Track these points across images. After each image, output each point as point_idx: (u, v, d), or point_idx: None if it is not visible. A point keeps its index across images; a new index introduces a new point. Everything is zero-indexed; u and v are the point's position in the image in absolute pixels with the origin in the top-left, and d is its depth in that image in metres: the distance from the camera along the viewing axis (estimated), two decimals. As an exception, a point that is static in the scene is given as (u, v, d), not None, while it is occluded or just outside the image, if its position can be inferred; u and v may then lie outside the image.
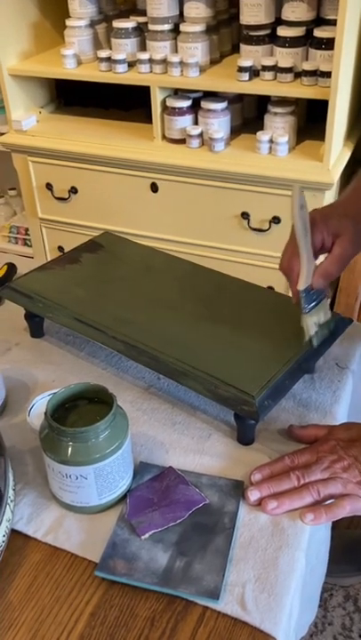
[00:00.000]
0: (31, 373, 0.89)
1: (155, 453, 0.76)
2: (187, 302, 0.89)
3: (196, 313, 0.87)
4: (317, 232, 0.76)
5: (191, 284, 0.93)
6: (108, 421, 0.66)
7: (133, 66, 1.65)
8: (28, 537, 0.67)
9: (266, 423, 0.78)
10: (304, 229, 0.74)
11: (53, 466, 0.67)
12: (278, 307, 0.89)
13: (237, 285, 0.93)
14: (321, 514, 0.68)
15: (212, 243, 1.67)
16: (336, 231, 0.76)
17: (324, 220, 0.77)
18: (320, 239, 0.76)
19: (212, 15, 1.60)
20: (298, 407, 0.82)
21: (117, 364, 0.90)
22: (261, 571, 0.63)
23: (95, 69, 1.68)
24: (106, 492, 0.68)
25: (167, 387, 0.85)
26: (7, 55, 1.74)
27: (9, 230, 2.30)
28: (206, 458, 0.75)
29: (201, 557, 0.64)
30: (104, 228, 1.58)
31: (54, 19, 1.84)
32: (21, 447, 0.77)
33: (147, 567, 0.63)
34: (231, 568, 0.63)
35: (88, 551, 0.65)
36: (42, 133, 1.79)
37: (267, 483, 0.70)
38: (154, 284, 0.94)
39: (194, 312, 0.87)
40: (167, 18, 1.59)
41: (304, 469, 0.71)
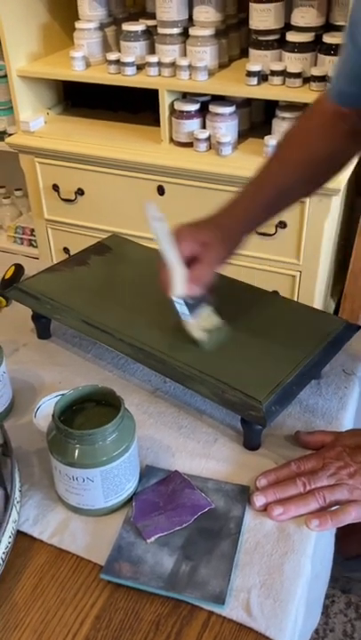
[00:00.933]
0: (38, 374, 0.89)
1: (161, 457, 0.76)
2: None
3: (204, 317, 0.87)
4: (186, 243, 0.79)
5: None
6: (116, 424, 0.66)
7: (142, 69, 1.66)
8: (33, 538, 0.67)
9: (272, 428, 0.78)
10: (165, 241, 0.77)
11: (60, 468, 0.67)
12: (285, 311, 0.89)
13: (244, 289, 0.93)
14: (326, 520, 0.68)
15: (217, 246, 1.68)
16: (204, 240, 0.80)
17: (192, 232, 0.80)
18: (189, 249, 0.79)
19: (222, 19, 1.61)
20: (304, 413, 0.82)
21: (124, 367, 0.90)
22: (267, 576, 0.63)
23: (104, 72, 1.69)
24: (112, 495, 0.68)
25: (174, 390, 0.85)
26: (16, 56, 1.74)
27: (14, 231, 2.30)
28: (212, 462, 0.75)
29: (207, 562, 0.64)
30: (110, 230, 1.58)
31: (64, 21, 1.85)
32: (28, 448, 0.77)
33: (152, 571, 0.63)
34: (237, 573, 0.63)
35: (93, 554, 0.65)
36: (49, 135, 1.79)
37: (272, 488, 0.70)
38: (160, 287, 0.94)
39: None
40: (176, 21, 1.60)
41: (310, 475, 0.71)
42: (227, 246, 0.82)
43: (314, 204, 1.50)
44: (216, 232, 0.81)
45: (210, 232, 0.81)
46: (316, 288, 1.65)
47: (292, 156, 0.88)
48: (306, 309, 0.91)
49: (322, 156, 0.87)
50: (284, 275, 1.65)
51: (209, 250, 0.80)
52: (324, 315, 0.90)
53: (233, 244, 0.84)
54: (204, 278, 0.80)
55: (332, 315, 0.92)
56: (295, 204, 0.92)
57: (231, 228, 0.84)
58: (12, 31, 1.70)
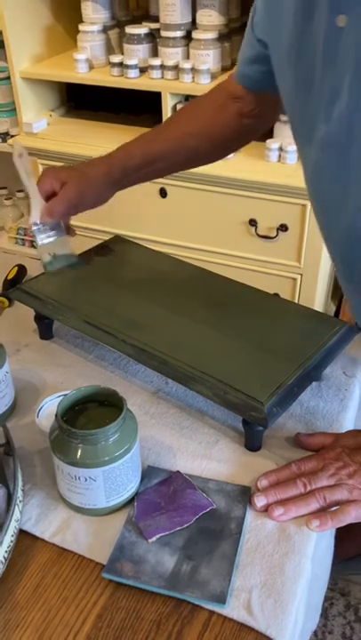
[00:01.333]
0: (40, 375, 0.89)
1: (162, 457, 0.76)
2: (196, 307, 0.90)
3: (206, 318, 0.87)
4: (47, 179, 0.91)
5: (201, 289, 0.94)
6: (118, 425, 0.66)
7: (145, 71, 1.66)
8: (35, 537, 0.68)
9: (273, 430, 0.79)
10: (26, 174, 0.91)
11: (62, 467, 0.67)
12: (286, 313, 0.89)
13: (246, 291, 0.94)
14: (327, 520, 0.68)
15: (219, 249, 1.68)
16: (64, 179, 0.91)
17: (54, 172, 0.93)
18: (49, 185, 0.91)
19: (225, 23, 1.62)
20: (305, 415, 0.82)
21: (126, 368, 0.90)
22: (268, 576, 0.63)
23: (107, 74, 1.70)
24: (114, 495, 0.68)
25: (175, 391, 0.86)
26: (20, 58, 1.75)
27: (16, 232, 2.30)
28: (214, 463, 0.75)
29: (208, 562, 0.64)
30: (112, 231, 1.58)
31: (67, 23, 1.85)
32: (30, 448, 0.77)
33: (153, 570, 0.64)
34: (238, 573, 0.64)
35: (95, 553, 0.66)
36: (52, 136, 1.80)
37: (273, 489, 0.71)
38: (163, 289, 0.94)
39: (203, 317, 0.87)
40: (180, 25, 1.61)
41: (310, 476, 0.71)
42: (83, 189, 0.92)
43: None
44: (76, 175, 0.92)
45: (70, 174, 0.93)
46: (317, 291, 1.65)
47: (176, 127, 0.97)
48: (307, 311, 0.91)
49: (207, 131, 0.95)
50: (285, 277, 1.66)
51: (65, 188, 0.91)
52: (326, 317, 0.91)
53: (93, 190, 0.93)
54: (56, 209, 0.90)
55: (333, 317, 0.92)
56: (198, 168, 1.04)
57: (92, 176, 0.93)
58: (16, 33, 1.71)
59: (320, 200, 0.80)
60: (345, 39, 0.63)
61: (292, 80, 0.75)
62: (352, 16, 0.62)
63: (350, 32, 0.63)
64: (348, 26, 0.63)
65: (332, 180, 0.74)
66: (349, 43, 0.63)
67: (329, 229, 0.81)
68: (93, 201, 0.94)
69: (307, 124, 0.74)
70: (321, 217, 0.82)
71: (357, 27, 0.62)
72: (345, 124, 0.67)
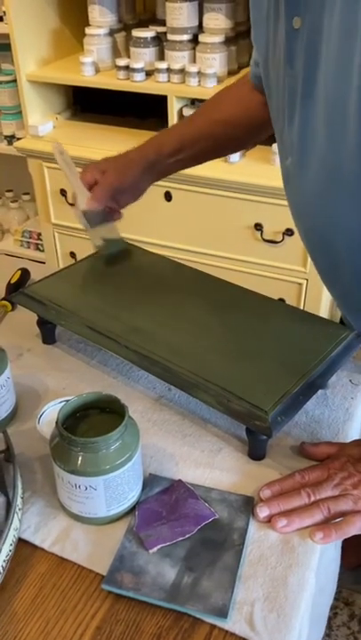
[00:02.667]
0: (42, 380, 0.88)
1: (164, 466, 0.75)
2: (200, 313, 0.89)
3: (210, 324, 0.86)
4: (88, 171, 0.97)
5: (205, 294, 0.93)
6: (120, 432, 0.65)
7: (151, 75, 1.66)
8: (34, 546, 0.67)
9: (278, 439, 0.78)
10: (69, 169, 0.97)
11: (63, 475, 0.66)
12: (292, 320, 0.88)
13: (251, 297, 0.93)
14: (331, 532, 0.67)
15: (224, 253, 1.67)
16: (104, 169, 0.97)
17: (95, 164, 0.98)
18: (91, 176, 0.96)
19: (232, 27, 1.61)
20: (310, 423, 0.81)
21: (128, 374, 0.89)
22: (271, 589, 0.62)
23: (113, 77, 1.69)
24: (115, 504, 0.67)
25: (178, 398, 0.85)
26: (26, 61, 1.75)
27: (21, 234, 2.30)
28: (216, 472, 0.74)
29: (209, 574, 0.63)
30: (117, 235, 1.58)
31: (74, 26, 1.85)
32: (30, 454, 0.76)
33: (154, 582, 0.62)
34: (240, 586, 0.62)
35: (95, 563, 0.65)
36: (58, 139, 1.79)
37: (276, 500, 0.69)
38: (167, 294, 0.94)
39: (207, 323, 0.86)
40: (186, 28, 1.60)
41: (315, 486, 0.70)
42: (123, 176, 0.97)
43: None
44: (116, 164, 0.98)
45: (108, 163, 0.98)
46: (323, 296, 1.64)
47: (204, 115, 1.01)
48: (313, 318, 0.90)
49: (233, 119, 0.98)
50: (290, 282, 1.64)
51: (106, 176, 0.96)
52: (332, 324, 0.90)
53: (133, 176, 0.98)
54: (100, 195, 0.96)
55: (339, 324, 0.91)
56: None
57: (129, 162, 0.98)
58: (23, 36, 1.71)
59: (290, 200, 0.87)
60: (300, 40, 0.68)
61: (268, 80, 0.81)
62: (305, 18, 0.67)
63: (304, 33, 0.67)
64: (301, 27, 0.67)
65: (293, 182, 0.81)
66: (303, 44, 0.68)
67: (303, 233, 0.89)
68: (132, 186, 0.98)
69: (277, 122, 0.81)
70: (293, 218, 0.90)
71: (310, 29, 0.67)
72: (302, 124, 0.72)
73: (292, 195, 0.86)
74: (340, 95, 0.65)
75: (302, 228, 0.88)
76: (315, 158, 0.74)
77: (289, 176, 0.83)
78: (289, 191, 0.87)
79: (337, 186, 0.73)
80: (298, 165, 0.78)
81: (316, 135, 0.72)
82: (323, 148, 0.72)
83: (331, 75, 0.66)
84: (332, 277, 0.92)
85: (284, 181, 0.87)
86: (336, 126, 0.68)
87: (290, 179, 0.83)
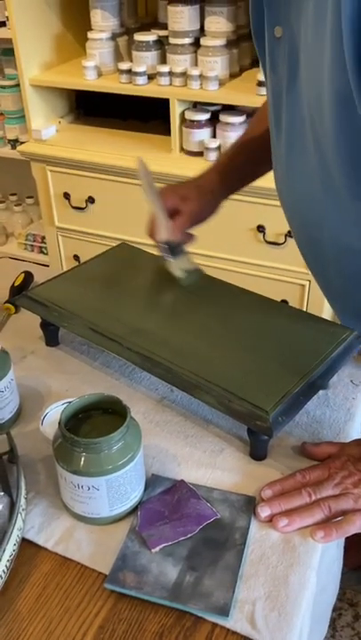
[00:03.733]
0: (45, 382, 0.89)
1: (167, 466, 0.76)
2: (202, 314, 0.89)
3: (211, 325, 0.87)
4: (168, 198, 0.94)
5: (206, 296, 0.94)
6: (122, 433, 0.66)
7: (153, 78, 1.67)
8: (38, 546, 0.67)
9: (279, 439, 0.78)
10: (153, 192, 0.92)
11: (65, 476, 0.67)
12: (293, 321, 0.89)
13: (252, 299, 0.93)
14: (331, 531, 0.67)
15: (227, 255, 1.68)
16: (184, 195, 0.95)
17: (173, 189, 0.96)
18: (171, 203, 0.94)
19: (233, 30, 1.62)
20: (311, 423, 0.81)
21: (131, 375, 0.90)
22: (272, 588, 0.62)
23: (115, 81, 1.70)
24: (117, 504, 0.68)
25: (180, 399, 0.85)
26: (29, 66, 1.76)
27: (25, 238, 2.31)
28: (218, 472, 0.75)
29: (211, 573, 0.64)
30: (120, 237, 1.58)
31: (76, 31, 1.86)
32: (34, 456, 0.77)
33: (156, 581, 0.63)
34: (241, 585, 0.63)
35: (98, 562, 0.65)
36: (61, 143, 1.81)
37: (277, 499, 0.70)
38: (169, 296, 0.94)
39: (209, 324, 0.87)
40: (188, 32, 1.61)
41: (315, 486, 0.70)
42: (203, 202, 0.96)
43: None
44: (193, 189, 0.96)
45: (188, 189, 0.96)
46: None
47: (260, 128, 0.98)
48: (314, 319, 0.91)
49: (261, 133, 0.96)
50: (293, 284, 1.65)
51: (187, 203, 0.94)
52: (333, 324, 0.90)
53: (209, 201, 0.98)
54: (182, 227, 0.94)
55: (340, 324, 0.91)
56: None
57: (207, 188, 0.97)
58: (25, 41, 1.72)
59: (282, 200, 0.89)
60: (281, 48, 0.71)
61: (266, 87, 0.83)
62: (286, 27, 0.69)
63: (285, 42, 0.70)
64: (283, 36, 0.70)
65: (283, 183, 0.83)
66: (284, 52, 0.70)
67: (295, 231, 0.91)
68: (211, 211, 0.99)
69: (270, 126, 0.83)
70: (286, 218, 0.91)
71: (290, 37, 0.69)
72: (286, 129, 0.75)
73: (284, 195, 0.88)
74: (317, 97, 0.68)
75: (293, 226, 0.91)
76: (301, 160, 0.76)
77: (280, 177, 0.85)
78: (281, 191, 0.88)
79: (321, 186, 0.76)
80: (286, 166, 0.80)
81: (301, 137, 0.75)
82: (307, 148, 0.74)
83: (308, 79, 0.69)
84: (324, 280, 0.94)
85: (276, 182, 0.88)
86: (317, 128, 0.71)
87: (281, 179, 0.85)
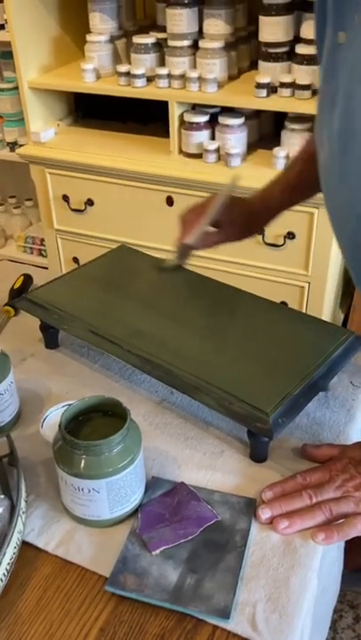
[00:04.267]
0: (45, 384, 0.89)
1: (167, 468, 0.76)
2: (201, 316, 0.89)
3: (211, 327, 0.87)
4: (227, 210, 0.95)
5: (206, 298, 0.94)
6: (122, 435, 0.66)
7: (152, 80, 1.67)
8: (38, 549, 0.67)
9: (279, 441, 0.78)
10: (217, 204, 0.93)
11: (66, 478, 0.67)
12: (292, 323, 0.89)
13: (252, 300, 0.93)
14: (332, 533, 0.67)
15: (226, 257, 1.68)
16: (233, 219, 0.97)
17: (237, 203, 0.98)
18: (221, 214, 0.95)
19: (231, 32, 1.62)
20: (311, 425, 0.81)
21: (131, 377, 0.90)
22: (273, 590, 0.62)
23: (114, 83, 1.70)
24: (118, 506, 0.68)
25: (180, 401, 0.85)
26: (28, 69, 1.76)
27: (24, 240, 2.31)
28: (218, 474, 0.75)
29: (212, 575, 0.64)
30: (119, 240, 1.58)
31: (75, 34, 1.86)
32: (34, 458, 0.77)
33: (157, 583, 0.63)
34: (242, 587, 0.63)
35: (99, 565, 0.65)
36: (60, 145, 1.81)
37: (278, 501, 0.70)
38: (168, 298, 0.94)
39: (208, 326, 0.87)
40: (186, 34, 1.61)
41: (316, 488, 0.70)
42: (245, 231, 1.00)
43: (323, 214, 1.50)
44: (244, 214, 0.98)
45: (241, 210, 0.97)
46: (325, 299, 1.64)
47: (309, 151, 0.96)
48: (313, 321, 0.91)
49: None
50: (292, 286, 1.65)
51: (230, 228, 0.97)
52: (332, 326, 0.90)
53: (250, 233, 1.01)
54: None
55: (339, 326, 0.91)
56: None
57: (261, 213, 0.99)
58: (24, 44, 1.72)
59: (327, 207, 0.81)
60: (343, 54, 0.69)
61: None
62: (350, 34, 0.67)
63: (347, 48, 0.68)
64: (345, 42, 0.68)
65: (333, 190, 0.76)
66: (345, 58, 0.68)
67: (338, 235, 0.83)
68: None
69: (316, 132, 0.78)
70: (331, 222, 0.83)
71: (352, 44, 0.67)
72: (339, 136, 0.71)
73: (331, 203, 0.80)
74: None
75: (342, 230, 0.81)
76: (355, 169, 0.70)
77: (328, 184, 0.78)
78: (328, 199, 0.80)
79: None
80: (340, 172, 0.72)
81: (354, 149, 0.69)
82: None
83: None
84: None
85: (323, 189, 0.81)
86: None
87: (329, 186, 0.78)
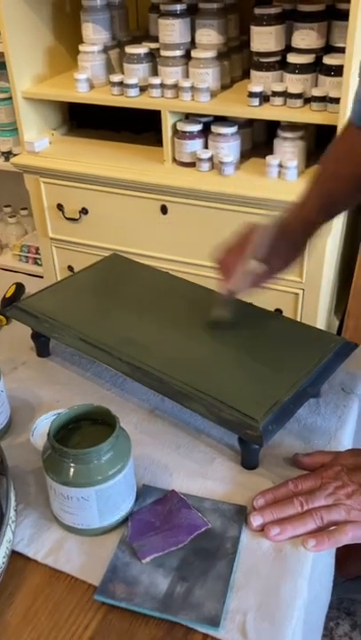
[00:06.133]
0: (36, 393, 0.89)
1: (158, 476, 0.75)
2: (192, 324, 0.89)
3: (202, 335, 0.87)
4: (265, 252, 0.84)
5: (197, 306, 0.94)
6: (111, 443, 0.66)
7: (145, 90, 1.67)
8: (28, 559, 0.67)
9: (270, 447, 0.78)
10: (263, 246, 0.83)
11: (55, 487, 0.66)
12: (283, 330, 0.89)
13: (242, 308, 0.93)
14: (323, 540, 0.67)
15: (220, 265, 1.68)
16: (275, 251, 0.85)
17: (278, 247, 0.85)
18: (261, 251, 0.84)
19: (224, 42, 1.63)
20: (303, 432, 0.81)
21: (122, 385, 0.90)
22: (263, 598, 0.62)
23: (107, 93, 1.71)
24: (107, 515, 0.68)
25: (172, 409, 0.85)
26: (22, 79, 1.77)
27: (20, 249, 2.32)
28: (210, 482, 0.74)
29: (202, 583, 0.63)
30: (114, 248, 1.59)
31: (68, 44, 1.87)
32: (24, 467, 0.77)
33: (147, 592, 0.63)
34: (232, 595, 0.63)
35: (88, 574, 0.65)
36: (54, 155, 1.81)
37: (270, 508, 0.70)
38: (160, 306, 0.94)
39: (199, 334, 0.87)
40: (179, 44, 1.62)
41: (308, 495, 0.70)
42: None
43: (316, 222, 1.50)
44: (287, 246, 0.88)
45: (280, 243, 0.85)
46: (320, 306, 1.64)
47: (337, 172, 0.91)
48: (304, 327, 0.91)
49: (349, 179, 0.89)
50: (286, 293, 1.65)
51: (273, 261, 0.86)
52: (323, 332, 0.90)
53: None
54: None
55: (330, 332, 0.91)
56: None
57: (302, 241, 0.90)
58: (18, 54, 1.73)
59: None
60: None
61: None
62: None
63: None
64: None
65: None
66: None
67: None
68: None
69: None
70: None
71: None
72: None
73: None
74: None
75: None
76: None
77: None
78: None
79: None
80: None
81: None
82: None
83: None
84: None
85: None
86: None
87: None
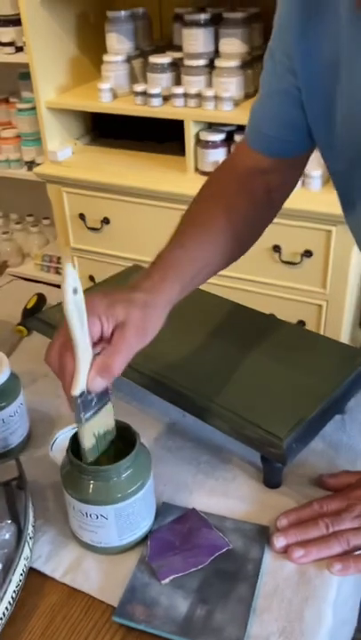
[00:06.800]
0: (56, 406, 0.88)
1: (178, 494, 0.74)
2: (215, 338, 0.88)
3: (224, 349, 0.85)
4: (96, 320, 0.62)
5: (220, 319, 0.92)
6: (131, 460, 0.64)
7: (168, 100, 1.67)
8: (45, 576, 0.66)
9: (294, 466, 0.76)
10: (80, 319, 0.59)
11: (74, 504, 0.65)
12: (308, 344, 0.87)
13: (266, 321, 0.92)
14: (349, 564, 0.65)
15: (243, 275, 1.67)
16: (120, 318, 0.63)
17: (105, 307, 0.63)
18: (98, 328, 0.62)
19: (248, 51, 1.62)
20: (327, 449, 0.79)
21: (142, 399, 0.88)
22: (286, 624, 0.60)
23: (131, 103, 1.71)
24: (127, 533, 0.66)
25: (192, 424, 0.83)
26: (46, 89, 1.78)
27: (42, 259, 2.33)
28: (231, 501, 0.73)
29: (223, 606, 0.61)
30: (135, 258, 1.58)
31: (92, 54, 1.89)
32: (43, 482, 0.76)
33: (166, 614, 0.61)
34: (254, 619, 0.61)
35: (106, 594, 0.63)
36: (76, 164, 1.82)
37: (293, 529, 0.68)
38: (182, 319, 0.92)
39: (222, 348, 0.85)
40: (202, 54, 1.62)
41: (333, 517, 0.68)
42: (147, 327, 0.65)
43: (340, 232, 1.48)
44: (135, 308, 0.64)
45: (126, 309, 0.64)
46: (344, 318, 1.62)
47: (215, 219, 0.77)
48: (329, 342, 0.89)
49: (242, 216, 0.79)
50: (310, 304, 1.63)
51: (121, 333, 0.63)
52: (349, 347, 0.88)
53: (155, 322, 0.67)
54: (116, 368, 0.62)
55: (356, 348, 0.89)
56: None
57: (156, 306, 0.67)
58: (42, 65, 1.74)
59: None
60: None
61: None
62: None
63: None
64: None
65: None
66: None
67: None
68: (154, 335, 0.67)
69: None
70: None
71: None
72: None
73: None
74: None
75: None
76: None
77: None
78: None
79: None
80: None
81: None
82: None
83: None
84: None
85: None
86: None
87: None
